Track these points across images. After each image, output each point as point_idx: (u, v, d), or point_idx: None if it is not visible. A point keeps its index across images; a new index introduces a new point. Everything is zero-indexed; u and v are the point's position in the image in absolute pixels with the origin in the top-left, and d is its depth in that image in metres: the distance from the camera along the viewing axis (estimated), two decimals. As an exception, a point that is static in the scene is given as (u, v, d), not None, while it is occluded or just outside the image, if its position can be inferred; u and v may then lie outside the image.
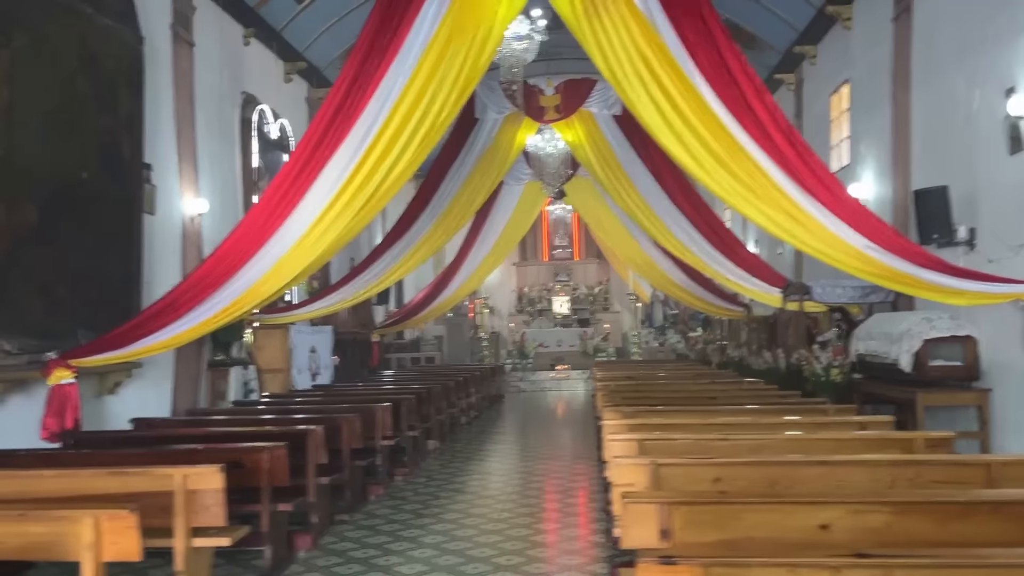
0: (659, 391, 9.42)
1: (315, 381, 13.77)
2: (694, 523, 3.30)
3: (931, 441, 4.83)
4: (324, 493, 6.10)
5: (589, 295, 26.35)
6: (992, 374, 8.51)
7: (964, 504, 3.21)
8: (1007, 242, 8.12)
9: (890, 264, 7.58)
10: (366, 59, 8.05)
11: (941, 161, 9.72)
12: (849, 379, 10.34)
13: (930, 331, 8.67)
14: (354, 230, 8.47)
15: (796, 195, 7.72)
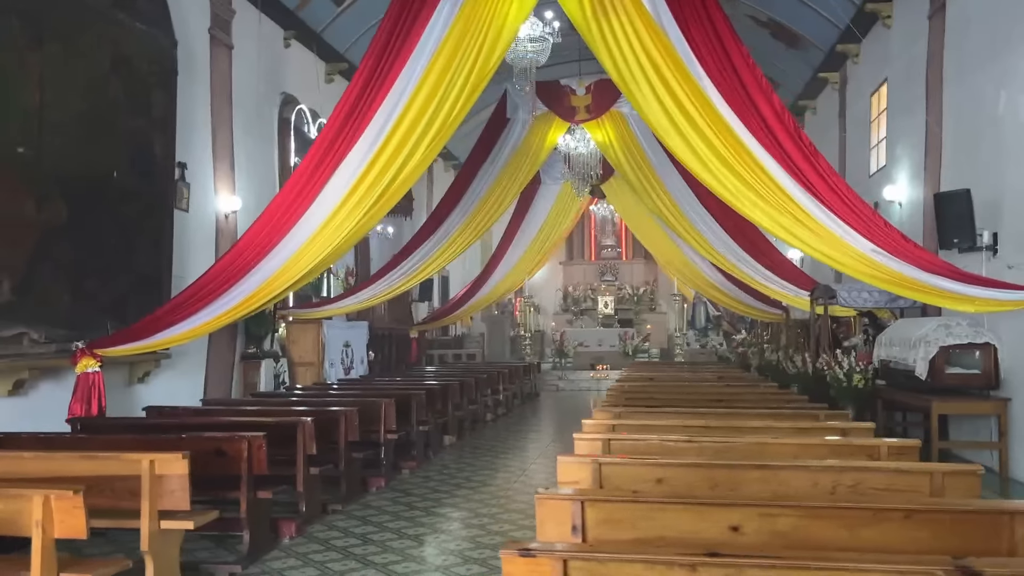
0: (669, 393, 9.40)
1: (348, 375, 14.08)
2: (608, 521, 3.37)
3: (894, 449, 4.78)
4: (314, 483, 6.32)
5: (634, 295, 26.25)
6: (1012, 383, 8.29)
7: (874, 511, 3.21)
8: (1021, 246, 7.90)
9: (896, 269, 7.44)
10: (381, 58, 8.25)
11: (969, 164, 9.48)
12: (872, 386, 10.16)
13: (947, 338, 8.49)
14: (369, 223, 8.69)
15: (801, 198, 7.64)
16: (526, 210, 17.69)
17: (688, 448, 4.97)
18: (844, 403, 10.46)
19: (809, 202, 7.65)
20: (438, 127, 8.31)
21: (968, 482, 3.92)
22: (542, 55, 9.07)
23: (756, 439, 5.05)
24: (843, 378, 10.23)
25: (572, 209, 17.80)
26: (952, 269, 7.54)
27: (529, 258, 17.87)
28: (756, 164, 7.75)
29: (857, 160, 14.77)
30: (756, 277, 12.74)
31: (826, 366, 10.59)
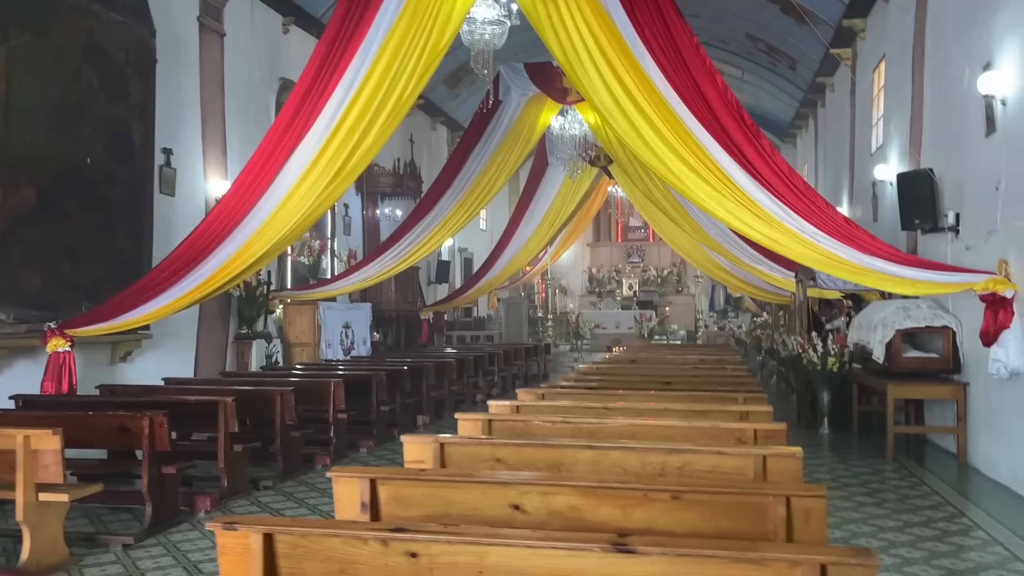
0: (630, 374, 9.42)
1: (349, 356, 14.37)
2: (397, 498, 3.48)
3: (762, 433, 4.77)
4: (239, 460, 6.55)
5: (658, 277, 26.09)
6: (972, 368, 8.08)
7: (644, 491, 3.25)
8: (981, 228, 7.69)
9: (837, 252, 7.32)
10: (334, 41, 8.39)
11: (941, 144, 9.24)
12: (847, 370, 10.02)
13: (904, 321, 8.32)
14: (327, 203, 8.87)
15: (742, 180, 7.55)
16: (534, 191, 17.70)
17: (562, 429, 5.03)
18: (821, 386, 10.35)
19: (751, 185, 7.56)
20: (390, 109, 8.45)
21: (790, 464, 3.91)
22: (499, 38, 9.09)
23: (632, 422, 5.09)
24: (817, 361, 10.11)
25: (581, 190, 17.73)
26: (893, 252, 7.39)
27: (538, 239, 17.89)
28: (697, 146, 7.69)
29: (862, 138, 14.44)
30: (744, 259, 12.59)
31: (801, 349, 10.47)
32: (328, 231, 15.55)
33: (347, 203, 16.53)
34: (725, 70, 22.34)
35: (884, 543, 5.40)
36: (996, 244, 7.26)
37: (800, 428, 10.63)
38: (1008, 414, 7.14)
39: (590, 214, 26.04)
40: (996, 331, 6.83)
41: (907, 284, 7.25)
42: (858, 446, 9.29)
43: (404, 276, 17.28)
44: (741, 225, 7.86)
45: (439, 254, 22.28)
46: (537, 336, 22.92)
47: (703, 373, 9.36)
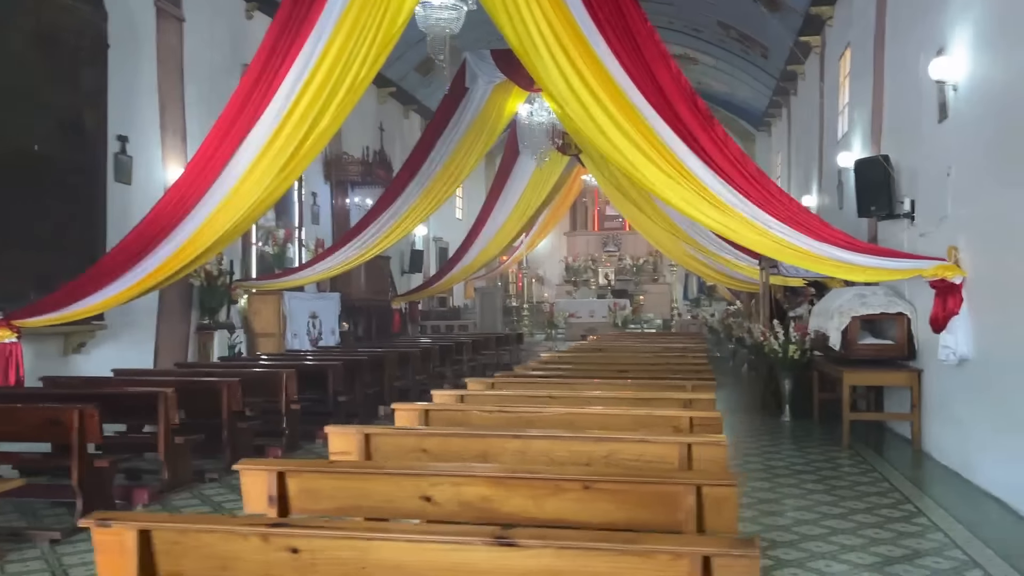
0: (589, 363, 9.38)
1: (317, 346, 14.26)
2: (308, 491, 3.40)
3: (699, 421, 4.72)
4: (180, 452, 6.45)
5: (634, 266, 26.07)
6: (927, 355, 8.07)
7: (556, 480, 3.19)
8: (935, 215, 7.67)
9: (788, 239, 7.28)
10: (286, 24, 8.25)
11: (898, 130, 9.22)
12: (808, 357, 10.01)
13: (860, 308, 8.31)
14: (282, 188, 8.70)
15: (696, 167, 7.48)
16: (506, 179, 17.59)
17: (498, 419, 4.97)
18: (783, 374, 10.35)
19: (705, 172, 7.50)
20: (344, 94, 8.32)
21: (715, 452, 3.86)
22: (455, 23, 8.97)
23: (572, 410, 5.03)
24: (778, 349, 10.10)
25: (552, 177, 17.64)
26: (845, 239, 7.35)
27: (510, 227, 17.79)
28: (653, 134, 7.61)
29: (830, 126, 14.44)
30: (711, 248, 12.56)
31: (762, 337, 10.45)
32: (295, 220, 15.40)
33: (315, 192, 16.39)
34: (699, 58, 22.36)
35: (826, 530, 5.37)
36: (947, 231, 7.24)
37: (764, 416, 10.64)
38: (958, 400, 7.14)
39: (566, 203, 25.98)
40: (945, 317, 6.82)
41: (858, 271, 7.22)
42: (818, 433, 9.29)
43: (374, 265, 17.16)
44: (696, 213, 7.80)
45: (412, 243, 22.19)
46: (512, 326, 22.87)
47: (662, 361, 9.32)
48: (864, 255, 7.15)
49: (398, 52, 20.02)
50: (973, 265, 6.75)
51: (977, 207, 6.63)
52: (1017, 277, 5.90)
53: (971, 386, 6.83)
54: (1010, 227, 6.02)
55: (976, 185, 6.70)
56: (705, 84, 24.27)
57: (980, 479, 6.59)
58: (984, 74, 6.66)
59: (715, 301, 22.68)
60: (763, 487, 6.61)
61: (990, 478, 6.40)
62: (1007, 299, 6.11)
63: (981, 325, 6.64)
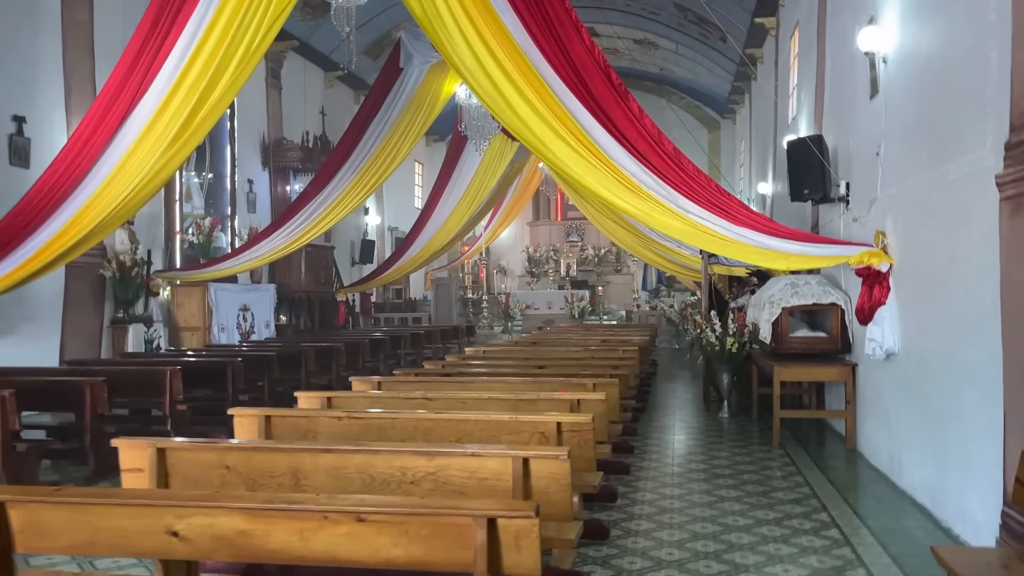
0: (515, 357, 8.81)
1: (248, 340, 13.61)
2: (37, 526, 2.79)
3: (567, 426, 4.16)
4: (25, 459, 5.82)
5: (596, 256, 25.52)
6: (861, 348, 7.55)
7: (323, 512, 2.60)
8: (864, 197, 7.14)
9: (705, 223, 6.73)
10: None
11: (835, 108, 8.69)
12: (746, 351, 9.49)
13: (792, 298, 7.78)
14: (170, 166, 8.01)
15: (609, 145, 6.92)
16: (454, 165, 17.00)
17: (347, 427, 4.38)
18: (721, 368, 9.82)
19: (619, 151, 6.95)
20: (239, 59, 7.68)
21: (554, 468, 3.29)
22: (362, -5, 8.36)
23: (434, 416, 4.44)
24: (715, 342, 9.57)
25: (502, 163, 17.04)
26: (767, 224, 6.82)
27: (460, 215, 17.19)
28: (562, 109, 7.05)
29: (783, 109, 13.94)
30: (650, 234, 12.02)
31: (698, 329, 9.93)
32: (227, 208, 14.72)
33: (251, 179, 15.71)
34: (659, 43, 21.81)
35: (723, 546, 4.83)
36: (877, 214, 6.71)
37: (705, 412, 10.13)
38: (887, 397, 6.63)
39: (528, 192, 25.41)
40: (871, 308, 6.30)
41: (780, 258, 6.68)
42: (755, 431, 8.77)
43: (316, 255, 16.53)
44: (611, 196, 7.22)
45: (364, 232, 21.53)
46: (470, 318, 22.28)
47: (587, 356, 8.76)
48: (786, 240, 6.60)
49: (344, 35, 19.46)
50: (900, 251, 6.23)
51: (904, 188, 6.10)
52: (940, 263, 5.37)
53: (898, 381, 6.31)
54: (933, 208, 5.49)
55: (903, 164, 6.16)
56: (668, 70, 23.73)
57: (904, 481, 6.08)
58: (912, 45, 6.12)
59: (677, 292, 22.17)
60: (673, 493, 6.07)
61: (913, 480, 5.89)
62: (931, 287, 5.59)
63: (908, 315, 6.11)
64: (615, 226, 16.04)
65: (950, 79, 5.23)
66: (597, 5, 18.97)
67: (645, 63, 22.53)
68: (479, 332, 22.06)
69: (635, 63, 22.10)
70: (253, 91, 15.73)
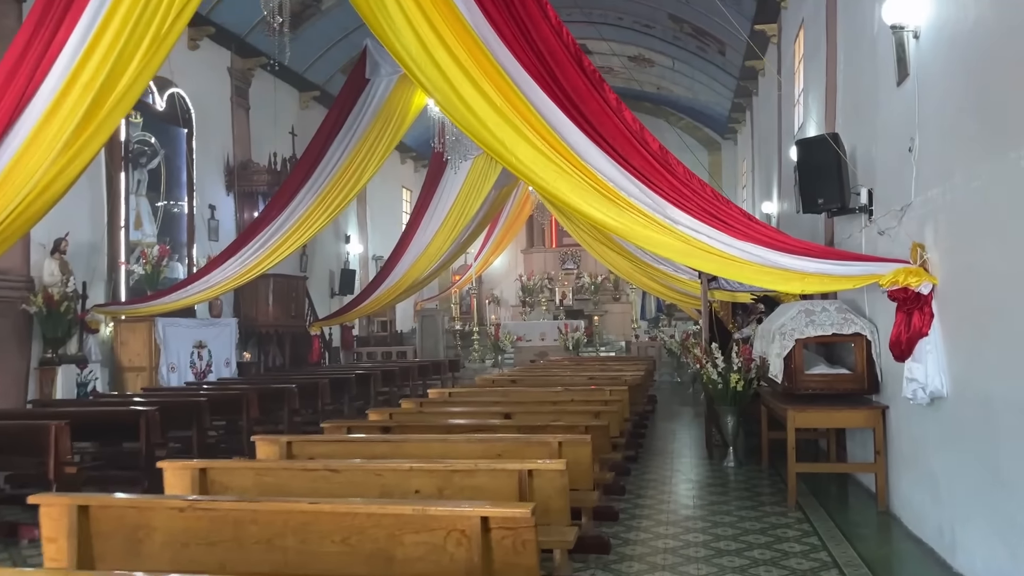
0: (483, 401, 7.52)
1: (204, 380, 12.34)
2: None
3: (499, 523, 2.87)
4: None
5: (593, 284, 24.26)
6: (893, 387, 6.24)
7: None
8: (893, 205, 5.88)
9: (701, 238, 5.46)
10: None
11: (852, 105, 7.47)
12: (752, 388, 8.20)
13: (806, 328, 6.49)
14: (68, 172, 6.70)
15: (582, 145, 5.69)
16: (435, 187, 15.81)
17: (188, 520, 3.09)
18: (724, 410, 8.50)
19: (594, 152, 5.73)
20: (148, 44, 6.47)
21: None
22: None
23: (309, 506, 3.15)
24: (718, 379, 8.27)
25: (486, 184, 15.83)
26: (777, 237, 5.56)
27: (441, 240, 15.94)
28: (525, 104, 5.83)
29: (787, 120, 12.76)
30: (645, 259, 10.78)
31: (698, 364, 8.63)
32: (184, 236, 13.51)
33: (213, 204, 14.52)
34: (655, 59, 20.71)
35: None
36: (912, 223, 5.45)
37: (708, 460, 8.80)
38: (932, 451, 5.31)
39: (520, 218, 24.23)
40: (910, 340, 5.01)
41: (793, 279, 5.41)
42: (765, 485, 7.44)
43: (285, 286, 15.30)
44: (587, 207, 5.95)
45: (345, 262, 20.32)
46: (458, 351, 20.98)
47: (566, 400, 7.44)
48: (800, 257, 5.33)
49: (319, 52, 18.34)
50: (946, 268, 4.95)
51: (950, 188, 4.84)
52: (1004, 280, 4.10)
53: (948, 432, 5.01)
54: (993, 210, 4.23)
55: (947, 158, 4.91)
56: (665, 88, 22.64)
57: (961, 563, 4.76)
58: (953, 12, 4.89)
59: (678, 321, 20.87)
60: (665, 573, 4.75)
61: (975, 564, 4.56)
62: (991, 312, 4.31)
63: (959, 349, 4.82)
64: (608, 251, 14.78)
65: (1013, 47, 4.00)
66: (589, 20, 17.92)
67: (642, 82, 21.44)
68: (468, 366, 20.76)
69: (631, 82, 21.00)
70: (216, 110, 14.63)
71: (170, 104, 13.02)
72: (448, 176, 15.67)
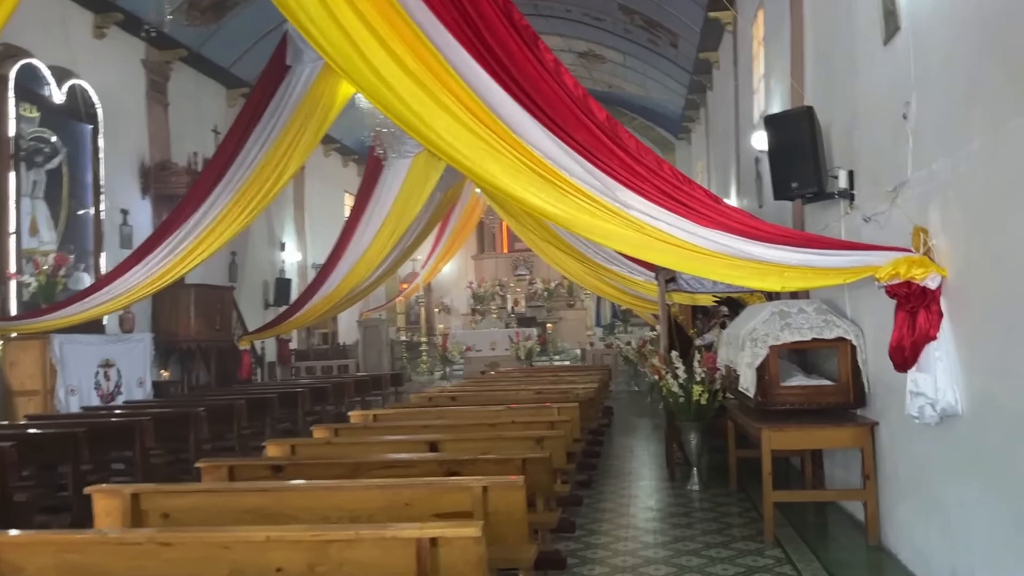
0: (410, 427, 6.45)
1: (112, 402, 11.08)
2: None
3: None
4: None
5: (546, 290, 23.31)
6: (883, 399, 5.33)
7: None
8: (881, 185, 4.96)
9: (658, 225, 4.49)
10: None
11: (825, 76, 6.58)
12: (716, 402, 7.27)
13: (781, 332, 5.54)
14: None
15: (510, 111, 4.69)
16: (373, 185, 14.71)
17: None
18: (687, 426, 7.55)
19: (530, 124, 4.72)
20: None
21: None
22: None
23: None
24: (679, 392, 7.32)
25: (428, 184, 14.74)
26: (748, 223, 4.60)
27: (382, 244, 14.80)
28: (444, 67, 4.79)
29: (745, 110, 11.93)
30: (597, 260, 9.83)
31: (656, 375, 7.67)
32: (90, 242, 12.20)
33: (126, 209, 13.22)
34: (606, 55, 19.83)
35: None
36: (910, 204, 4.52)
37: (668, 482, 7.85)
38: (940, 478, 4.38)
39: (470, 223, 23.18)
40: (915, 345, 4.07)
41: (771, 272, 4.45)
42: (735, 513, 6.49)
43: (208, 297, 14.03)
44: (523, 192, 4.94)
45: (280, 271, 19.06)
46: (403, 363, 19.85)
47: (506, 422, 6.40)
48: (779, 247, 4.38)
49: (247, 44, 17.09)
50: (959, 256, 4.03)
51: (965, 158, 3.92)
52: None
53: (963, 455, 4.08)
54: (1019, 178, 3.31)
55: (959, 124, 3.99)
56: (617, 86, 21.79)
57: (988, 621, 3.83)
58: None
59: (634, 327, 20.00)
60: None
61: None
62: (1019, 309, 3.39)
63: (977, 356, 3.90)
64: (557, 252, 13.80)
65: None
66: (536, 12, 16.99)
67: (592, 80, 20.58)
68: (415, 379, 19.64)
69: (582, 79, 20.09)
70: (129, 105, 13.36)
71: (71, 97, 11.73)
72: (387, 176, 14.60)
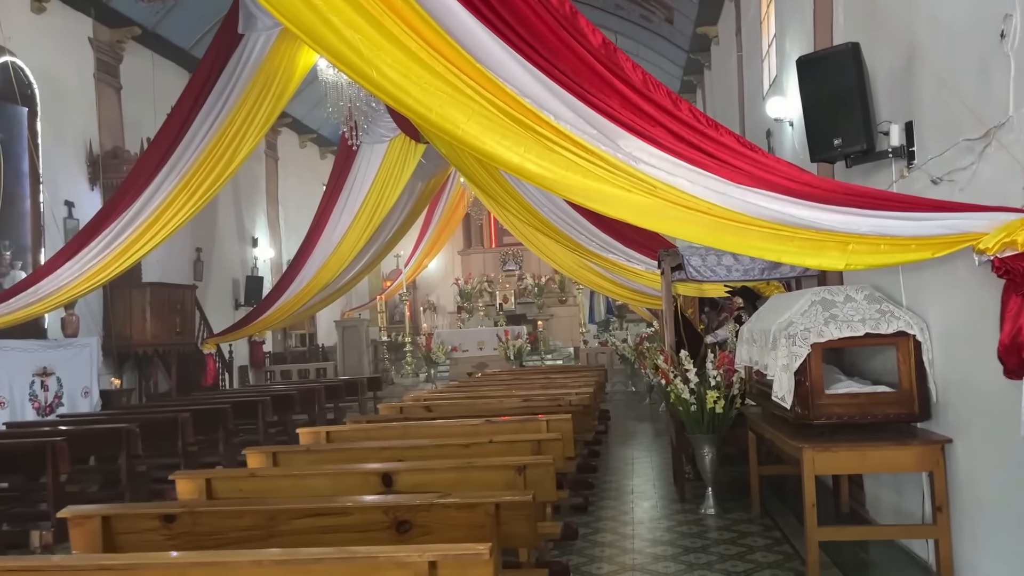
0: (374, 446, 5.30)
1: (50, 416, 9.90)
2: None
3: None
4: None
5: (536, 286, 22.16)
6: (955, 410, 4.19)
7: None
8: (960, 134, 3.81)
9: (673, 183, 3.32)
10: None
11: (867, 14, 5.42)
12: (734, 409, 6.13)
13: (825, 327, 4.40)
14: None
15: (478, 39, 3.52)
16: (345, 173, 13.52)
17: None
18: (700, 440, 6.41)
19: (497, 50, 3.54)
20: None
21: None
22: None
23: None
24: (690, 399, 6.18)
25: (404, 171, 13.55)
26: (800, 177, 3.44)
27: (355, 237, 13.61)
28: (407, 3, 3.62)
29: (752, 81, 10.82)
30: (592, 247, 8.69)
31: (663, 379, 6.52)
32: (27, 238, 10.99)
33: (71, 200, 12.01)
34: (596, 35, 18.79)
35: None
36: (1014, 151, 3.38)
37: (678, 503, 6.72)
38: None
39: (456, 217, 22.02)
40: (1037, 342, 2.94)
41: (833, 247, 3.28)
42: (762, 547, 5.35)
43: (165, 297, 12.83)
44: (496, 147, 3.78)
45: (252, 268, 17.86)
46: (386, 365, 18.66)
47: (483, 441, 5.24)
48: (839, 209, 3.21)
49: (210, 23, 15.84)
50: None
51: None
52: None
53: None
54: None
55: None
56: (608, 70, 20.75)
57: None
58: None
59: (630, 323, 18.87)
60: None
61: None
62: None
63: None
64: (551, 243, 12.64)
65: None
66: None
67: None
68: (399, 382, 18.44)
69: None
70: (74, 87, 12.17)
71: (3, 76, 10.53)
72: (360, 162, 13.43)
